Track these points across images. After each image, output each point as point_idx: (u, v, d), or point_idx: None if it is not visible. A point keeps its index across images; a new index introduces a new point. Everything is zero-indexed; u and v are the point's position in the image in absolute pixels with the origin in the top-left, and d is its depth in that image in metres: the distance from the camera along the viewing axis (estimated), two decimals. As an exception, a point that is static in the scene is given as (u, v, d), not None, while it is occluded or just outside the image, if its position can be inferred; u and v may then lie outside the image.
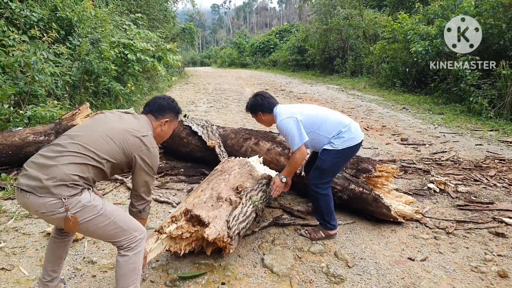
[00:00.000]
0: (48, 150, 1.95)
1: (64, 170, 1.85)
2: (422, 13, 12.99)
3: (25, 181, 1.84)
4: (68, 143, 1.95)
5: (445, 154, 5.76)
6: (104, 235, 2.02)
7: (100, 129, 2.04)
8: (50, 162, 1.87)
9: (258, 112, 3.24)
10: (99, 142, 1.98)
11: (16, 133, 4.87)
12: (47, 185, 1.81)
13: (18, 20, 7.58)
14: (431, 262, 2.86)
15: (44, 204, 1.82)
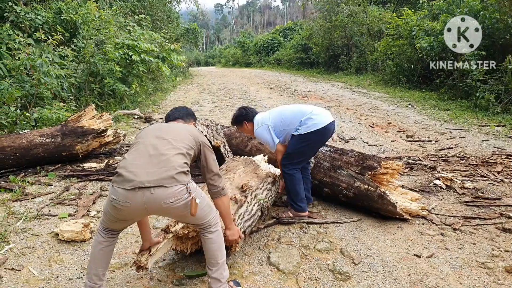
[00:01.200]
0: (143, 152, 2.08)
1: (177, 160, 2.05)
2: (426, 9, 12.90)
3: (143, 178, 1.94)
4: (158, 141, 2.13)
5: (452, 150, 5.72)
6: (201, 215, 2.16)
7: (171, 128, 2.31)
8: (159, 157, 2.03)
9: (243, 122, 3.57)
10: (180, 135, 2.22)
11: (23, 136, 4.92)
12: (171, 174, 1.97)
13: (23, 23, 7.65)
14: (438, 259, 2.85)
15: (173, 192, 1.97)
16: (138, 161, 2.02)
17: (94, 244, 2.21)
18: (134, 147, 2.15)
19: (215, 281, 2.25)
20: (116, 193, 1.95)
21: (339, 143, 6.36)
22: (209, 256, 2.26)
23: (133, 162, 2.03)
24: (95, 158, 5.52)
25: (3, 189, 4.27)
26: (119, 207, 1.96)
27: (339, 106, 10.52)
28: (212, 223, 2.25)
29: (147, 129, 2.32)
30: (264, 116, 3.52)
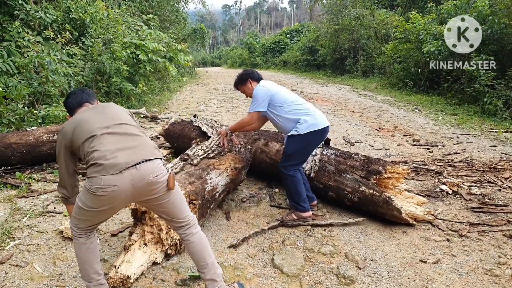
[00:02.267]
0: (110, 139, 2.04)
1: (147, 137, 2.18)
2: (435, 13, 12.84)
3: (128, 159, 1.96)
4: (116, 127, 2.12)
5: (458, 156, 5.68)
6: (182, 205, 2.22)
7: (111, 111, 2.26)
8: (132, 137, 2.10)
9: (248, 80, 3.55)
10: (125, 115, 2.29)
11: (30, 133, 4.95)
12: (150, 149, 2.08)
13: (33, 21, 7.71)
14: (444, 265, 2.82)
15: (157, 166, 2.03)
16: (113, 147, 1.99)
17: (79, 247, 2.16)
18: (94, 142, 2.02)
19: (211, 282, 2.24)
20: (100, 181, 1.89)
21: (345, 146, 6.33)
22: (196, 259, 2.25)
23: (108, 149, 1.97)
24: (101, 156, 5.53)
25: (9, 186, 4.30)
26: (105, 194, 1.91)
27: (345, 109, 10.48)
28: (191, 222, 2.26)
29: (84, 123, 2.13)
30: (272, 86, 3.49)
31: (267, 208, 3.86)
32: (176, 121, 5.55)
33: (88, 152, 2.00)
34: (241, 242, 3.11)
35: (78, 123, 2.14)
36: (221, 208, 3.83)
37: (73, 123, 2.16)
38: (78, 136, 2.09)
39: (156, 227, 2.77)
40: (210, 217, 3.63)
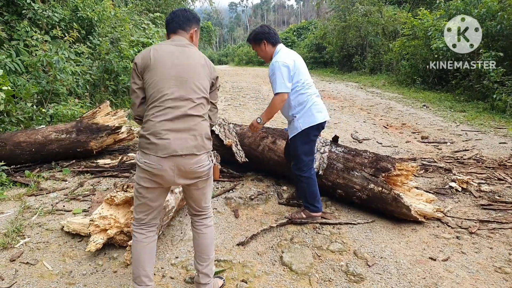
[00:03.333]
0: (169, 113, 2.01)
1: (204, 125, 2.12)
2: (443, 9, 12.71)
3: (177, 147, 1.99)
4: (181, 92, 2.05)
5: (468, 153, 5.63)
6: (208, 195, 2.28)
7: (190, 66, 2.12)
8: (187, 121, 2.04)
9: (262, 41, 3.25)
10: (200, 77, 2.14)
11: (39, 131, 4.98)
12: (200, 143, 2.07)
13: (40, 20, 7.76)
14: (454, 262, 2.79)
15: (201, 159, 2.07)
16: (167, 126, 1.99)
17: (135, 245, 2.17)
18: (156, 106, 2.01)
19: (204, 276, 2.27)
20: (149, 158, 2.01)
21: (353, 143, 6.30)
22: (200, 251, 2.28)
23: (162, 127, 1.99)
24: (109, 154, 5.56)
25: (19, 184, 4.34)
26: (151, 169, 2.01)
27: (353, 106, 10.43)
28: (209, 214, 2.33)
29: (163, 63, 2.06)
30: (290, 54, 3.23)
31: (275, 206, 3.85)
32: (184, 119, 5.55)
33: (148, 107, 2.06)
34: (250, 239, 3.11)
35: (154, 62, 2.05)
36: (230, 206, 3.83)
37: (150, 59, 2.06)
38: (148, 78, 2.06)
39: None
40: (219, 214, 3.64)
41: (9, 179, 4.37)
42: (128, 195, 2.93)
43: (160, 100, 2.01)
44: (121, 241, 2.93)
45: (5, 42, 6.92)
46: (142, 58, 2.08)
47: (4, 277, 2.58)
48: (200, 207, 2.28)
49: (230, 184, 4.44)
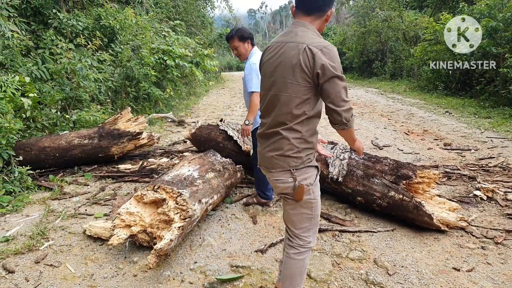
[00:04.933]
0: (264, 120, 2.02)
1: (289, 138, 1.92)
2: (467, 13, 12.47)
3: (260, 160, 2.07)
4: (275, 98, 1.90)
5: (493, 160, 5.47)
6: (296, 222, 2.06)
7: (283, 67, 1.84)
8: (273, 136, 1.96)
9: (247, 40, 3.56)
10: (296, 76, 1.80)
11: (63, 137, 5.11)
12: (276, 161, 1.94)
13: (65, 29, 7.98)
14: (478, 273, 2.71)
15: (279, 174, 1.95)
16: (259, 132, 2.04)
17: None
18: (262, 104, 2.01)
19: None
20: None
21: (373, 150, 6.22)
22: (284, 276, 2.12)
23: (258, 133, 2.07)
24: (130, 160, 5.65)
25: (43, 188, 4.45)
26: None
27: (373, 112, 10.31)
28: (294, 244, 2.06)
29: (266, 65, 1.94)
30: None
31: (294, 212, 3.82)
32: (203, 125, 5.60)
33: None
34: (269, 247, 3.10)
35: (262, 58, 2.01)
36: (248, 212, 3.83)
37: (263, 52, 2.00)
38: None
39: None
40: (237, 220, 3.64)
41: (34, 183, 4.48)
42: (158, 196, 2.95)
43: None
44: (142, 240, 2.95)
45: (32, 50, 7.15)
46: None
47: (29, 279, 2.65)
48: (289, 230, 2.11)
49: (248, 190, 4.44)
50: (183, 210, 2.84)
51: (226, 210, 3.87)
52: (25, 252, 3.01)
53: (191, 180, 3.29)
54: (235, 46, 3.58)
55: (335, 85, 1.72)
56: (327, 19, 1.90)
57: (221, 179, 3.74)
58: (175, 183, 3.11)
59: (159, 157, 5.80)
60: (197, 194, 3.13)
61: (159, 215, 2.89)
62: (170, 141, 7.05)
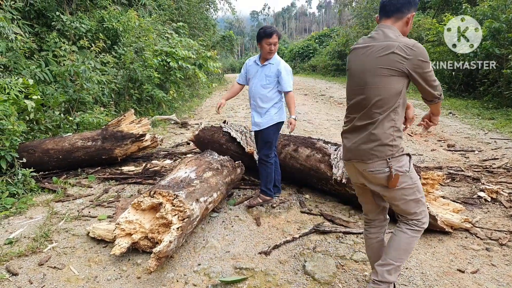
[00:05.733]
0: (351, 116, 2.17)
1: (383, 128, 2.06)
2: (469, 14, 12.44)
3: (348, 155, 2.19)
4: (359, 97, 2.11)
5: (497, 161, 5.44)
6: (403, 202, 2.14)
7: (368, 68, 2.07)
8: (364, 128, 2.11)
9: (278, 40, 3.79)
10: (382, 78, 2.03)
11: (66, 139, 5.12)
12: (371, 149, 2.06)
13: (68, 31, 8.00)
14: (483, 275, 2.70)
15: (373, 165, 2.06)
16: (348, 128, 2.18)
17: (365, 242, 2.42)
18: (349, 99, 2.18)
19: (374, 273, 2.23)
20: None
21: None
22: (389, 247, 2.22)
23: (344, 129, 2.20)
24: (133, 161, 5.66)
25: (46, 190, 4.46)
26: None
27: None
28: (419, 223, 2.17)
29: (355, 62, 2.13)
30: None
31: (297, 214, 3.82)
32: (206, 127, 5.61)
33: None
34: (272, 249, 3.09)
35: (350, 57, 2.19)
36: (251, 214, 3.82)
37: (351, 52, 2.19)
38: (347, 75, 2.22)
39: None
40: (240, 222, 3.64)
41: (37, 185, 4.49)
42: (154, 201, 2.96)
43: None
44: (144, 247, 2.96)
45: (35, 52, 7.17)
46: None
47: (33, 281, 2.65)
48: (401, 216, 2.23)
49: (252, 192, 4.44)
50: (181, 211, 2.85)
51: (230, 212, 3.86)
52: (29, 254, 3.01)
53: (188, 181, 3.30)
54: (276, 42, 3.73)
55: (428, 75, 2.02)
56: (408, 22, 2.09)
57: (220, 176, 3.75)
58: (171, 186, 3.12)
59: (163, 159, 5.81)
60: (194, 194, 3.13)
61: (158, 219, 2.89)
62: (173, 143, 7.06)
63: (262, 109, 3.84)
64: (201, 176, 3.51)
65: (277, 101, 3.85)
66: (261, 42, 3.71)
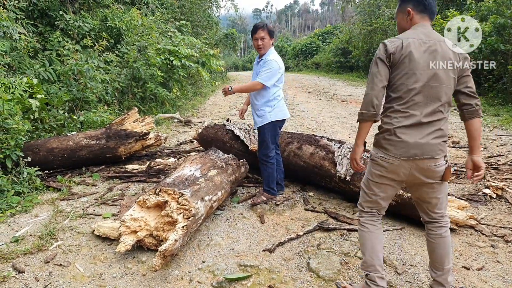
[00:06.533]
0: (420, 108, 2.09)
1: (445, 127, 2.18)
2: (474, 10, 12.37)
3: (419, 150, 2.09)
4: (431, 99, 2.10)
5: (502, 158, 5.42)
6: (443, 201, 2.26)
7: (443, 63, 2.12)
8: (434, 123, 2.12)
9: (273, 38, 3.76)
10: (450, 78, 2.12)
11: (70, 138, 5.14)
12: (440, 146, 2.12)
13: (72, 30, 8.03)
14: (488, 272, 2.69)
15: (438, 160, 2.10)
16: (413, 121, 2.08)
17: (367, 236, 2.31)
18: (406, 99, 2.08)
19: (438, 284, 2.26)
20: (386, 153, 2.14)
21: (380, 148, 6.17)
22: (434, 258, 2.29)
23: (408, 124, 2.09)
24: (137, 160, 5.67)
25: (51, 189, 4.48)
26: (386, 166, 2.15)
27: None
28: (444, 223, 2.28)
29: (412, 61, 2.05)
30: (281, 62, 3.81)
31: (301, 212, 3.82)
32: (209, 125, 5.61)
33: (396, 98, 2.12)
34: (277, 246, 3.09)
35: (407, 54, 2.05)
36: (255, 211, 3.83)
37: (404, 48, 2.06)
38: (400, 70, 2.08)
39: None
40: (244, 220, 3.64)
41: (42, 184, 4.52)
42: (160, 199, 2.97)
43: None
44: (149, 244, 2.97)
45: (39, 52, 7.20)
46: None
47: (39, 278, 2.67)
48: (433, 213, 2.29)
49: (255, 189, 4.44)
50: (186, 210, 2.85)
51: (234, 210, 3.87)
52: (35, 252, 3.03)
53: (193, 179, 3.30)
54: (262, 36, 3.68)
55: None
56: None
57: (224, 175, 3.75)
58: (177, 184, 3.12)
59: (166, 157, 5.82)
60: (200, 192, 3.13)
61: (163, 217, 2.90)
62: (177, 141, 7.07)
63: (256, 105, 3.85)
64: (206, 175, 3.51)
65: (271, 99, 3.76)
66: (252, 39, 3.76)
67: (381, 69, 2.09)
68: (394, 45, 2.06)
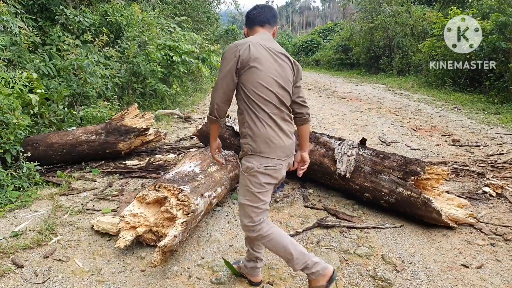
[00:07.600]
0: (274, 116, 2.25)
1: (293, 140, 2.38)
2: (476, 8, 12.33)
3: (286, 152, 2.26)
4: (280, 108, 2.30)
5: (502, 156, 5.41)
6: None
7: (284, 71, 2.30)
8: (287, 141, 2.29)
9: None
10: (289, 80, 2.36)
11: (70, 133, 5.13)
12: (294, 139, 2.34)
13: (72, 25, 7.99)
14: (488, 270, 2.69)
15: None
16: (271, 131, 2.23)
17: (278, 237, 2.24)
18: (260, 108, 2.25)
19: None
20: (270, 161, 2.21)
21: (381, 146, 6.18)
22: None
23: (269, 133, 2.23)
24: (137, 156, 5.67)
25: (51, 184, 4.47)
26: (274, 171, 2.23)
27: (380, 108, 10.25)
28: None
29: (259, 68, 2.15)
30: None
31: (301, 209, 3.81)
32: (210, 121, 5.59)
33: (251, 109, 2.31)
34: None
35: (254, 60, 2.12)
36: (255, 208, 3.82)
37: (250, 55, 2.11)
38: (249, 77, 2.18)
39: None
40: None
41: (42, 179, 4.51)
42: (159, 194, 2.97)
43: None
44: (149, 240, 2.97)
45: (39, 46, 7.17)
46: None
47: (38, 273, 2.67)
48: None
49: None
50: (185, 206, 2.85)
51: (233, 206, 3.86)
52: (34, 247, 3.03)
53: (192, 175, 3.30)
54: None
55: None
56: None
57: (224, 171, 3.75)
58: (176, 180, 3.12)
59: (166, 153, 5.81)
60: (199, 189, 3.13)
61: (162, 213, 2.90)
62: (176, 137, 7.06)
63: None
64: (206, 171, 3.51)
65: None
66: None
67: None
68: None
